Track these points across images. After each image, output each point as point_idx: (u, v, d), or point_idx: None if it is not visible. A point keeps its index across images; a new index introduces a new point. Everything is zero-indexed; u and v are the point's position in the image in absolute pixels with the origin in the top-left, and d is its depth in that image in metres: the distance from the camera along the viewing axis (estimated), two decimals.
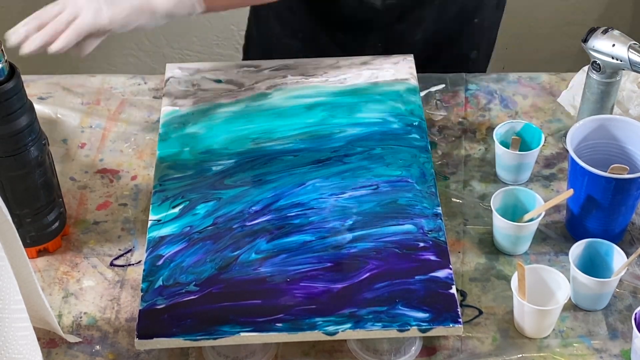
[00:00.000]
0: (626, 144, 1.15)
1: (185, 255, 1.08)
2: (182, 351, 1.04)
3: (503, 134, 1.23)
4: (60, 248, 1.16)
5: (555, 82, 1.40)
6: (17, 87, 1.03)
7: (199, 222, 1.11)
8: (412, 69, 1.32)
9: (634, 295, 1.11)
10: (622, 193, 1.09)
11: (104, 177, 1.25)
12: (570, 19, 2.33)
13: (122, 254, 1.15)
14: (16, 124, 1.04)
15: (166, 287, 1.04)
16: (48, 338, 1.06)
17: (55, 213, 1.14)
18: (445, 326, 1.00)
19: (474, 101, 1.36)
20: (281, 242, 1.09)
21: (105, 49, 2.38)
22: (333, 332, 1.00)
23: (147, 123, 1.33)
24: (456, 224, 1.19)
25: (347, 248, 1.08)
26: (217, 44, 2.38)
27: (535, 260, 1.14)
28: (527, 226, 1.12)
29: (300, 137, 1.22)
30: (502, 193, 1.14)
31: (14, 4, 2.27)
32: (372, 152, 1.20)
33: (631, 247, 1.15)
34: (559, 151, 1.29)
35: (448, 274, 1.05)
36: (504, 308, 1.09)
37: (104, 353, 1.05)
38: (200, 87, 1.30)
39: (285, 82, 1.30)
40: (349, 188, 1.15)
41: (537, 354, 1.04)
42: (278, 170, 1.18)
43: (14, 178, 1.08)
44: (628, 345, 1.05)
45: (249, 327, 1.00)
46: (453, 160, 1.27)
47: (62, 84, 1.39)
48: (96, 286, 1.12)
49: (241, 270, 1.06)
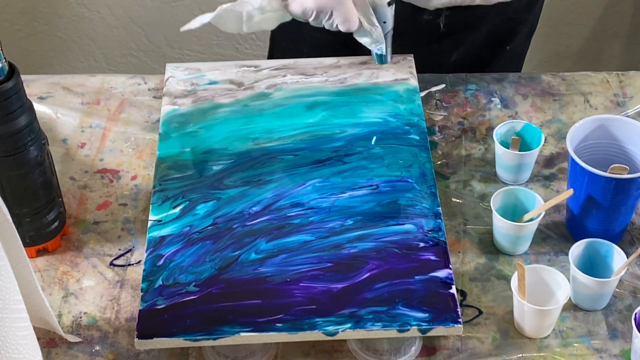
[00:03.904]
0: (626, 144, 1.15)
1: (185, 255, 1.08)
2: (182, 351, 1.04)
3: (503, 134, 1.23)
4: (60, 248, 1.16)
5: (555, 82, 1.40)
6: (16, 86, 1.03)
7: (199, 222, 1.11)
8: (412, 68, 1.32)
9: (634, 295, 1.11)
10: (622, 193, 1.09)
11: (104, 177, 1.25)
12: (570, 19, 2.33)
13: (122, 254, 1.16)
14: (15, 124, 1.04)
15: (166, 287, 1.04)
16: (48, 338, 1.06)
17: (55, 213, 1.14)
18: (445, 326, 1.00)
19: (474, 101, 1.36)
20: (281, 242, 1.09)
21: (105, 49, 2.39)
22: (333, 332, 1.00)
23: (147, 123, 1.33)
24: (456, 224, 1.19)
25: (347, 248, 1.08)
26: (217, 44, 2.38)
27: (535, 260, 1.14)
28: (527, 226, 1.12)
29: (301, 137, 1.22)
30: (502, 193, 1.14)
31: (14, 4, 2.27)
32: (372, 152, 1.20)
33: (631, 247, 1.15)
34: (559, 151, 1.29)
35: (448, 274, 1.05)
36: (504, 308, 1.09)
37: (104, 353, 1.05)
38: (200, 87, 1.30)
39: (286, 82, 1.30)
40: (349, 188, 1.15)
41: (537, 354, 1.04)
42: (278, 170, 1.18)
43: (14, 177, 1.08)
44: (628, 345, 1.05)
45: (249, 327, 1.00)
46: (453, 160, 1.27)
47: (62, 84, 1.39)
48: (96, 286, 1.12)
49: (241, 270, 1.06)
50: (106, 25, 2.34)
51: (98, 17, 2.32)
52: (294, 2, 1.17)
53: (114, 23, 2.34)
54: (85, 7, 2.30)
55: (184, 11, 2.29)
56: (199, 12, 2.28)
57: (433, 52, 1.40)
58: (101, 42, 2.38)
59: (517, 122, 1.23)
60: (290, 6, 1.18)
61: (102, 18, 2.33)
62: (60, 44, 2.38)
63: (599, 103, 1.36)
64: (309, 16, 1.17)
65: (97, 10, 2.31)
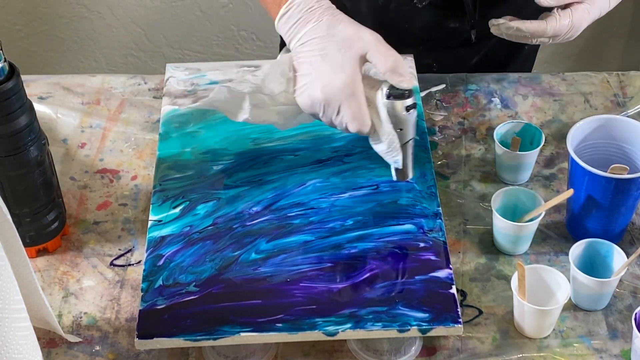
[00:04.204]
0: (626, 144, 1.15)
1: (185, 255, 1.08)
2: (182, 351, 1.04)
3: (503, 134, 1.23)
4: (60, 248, 1.16)
5: (555, 82, 1.40)
6: (16, 86, 1.03)
7: (199, 222, 1.11)
8: (412, 68, 1.32)
9: (634, 295, 1.11)
10: (622, 193, 1.09)
11: (104, 177, 1.25)
12: None
13: (122, 254, 1.16)
14: (16, 124, 1.04)
15: (166, 287, 1.04)
16: (48, 338, 1.06)
17: (55, 213, 1.14)
18: (445, 326, 1.00)
19: (474, 101, 1.36)
20: (281, 242, 1.09)
21: (105, 49, 2.39)
22: (333, 332, 1.00)
23: (147, 123, 1.33)
24: (456, 224, 1.19)
25: (347, 248, 1.08)
26: (217, 44, 2.38)
27: (535, 260, 1.14)
28: (527, 226, 1.12)
29: (301, 137, 1.22)
30: (502, 193, 1.14)
31: (14, 4, 2.27)
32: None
33: (631, 247, 1.15)
34: (559, 151, 1.29)
35: (448, 274, 1.05)
36: (504, 308, 1.09)
37: (104, 353, 1.05)
38: (200, 87, 1.30)
39: None
40: (349, 188, 1.15)
41: (537, 354, 1.04)
42: (278, 170, 1.18)
43: (14, 178, 1.08)
44: (628, 345, 1.05)
45: (249, 327, 1.00)
46: (453, 160, 1.27)
47: (62, 84, 1.39)
48: (96, 286, 1.12)
49: (241, 270, 1.06)
50: (106, 25, 2.34)
51: (98, 17, 2.32)
52: (303, 94, 1.05)
53: (114, 23, 2.34)
54: (85, 7, 2.30)
55: (184, 11, 2.29)
56: (199, 12, 2.29)
57: (458, 55, 1.40)
58: (101, 42, 2.38)
59: (517, 122, 1.24)
60: (299, 98, 1.06)
61: (102, 18, 2.33)
62: (60, 44, 2.38)
63: (599, 103, 1.36)
64: (317, 110, 1.05)
65: (97, 10, 2.31)
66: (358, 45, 1.02)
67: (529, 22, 1.18)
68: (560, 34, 1.18)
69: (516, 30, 1.18)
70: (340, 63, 1.02)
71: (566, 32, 1.18)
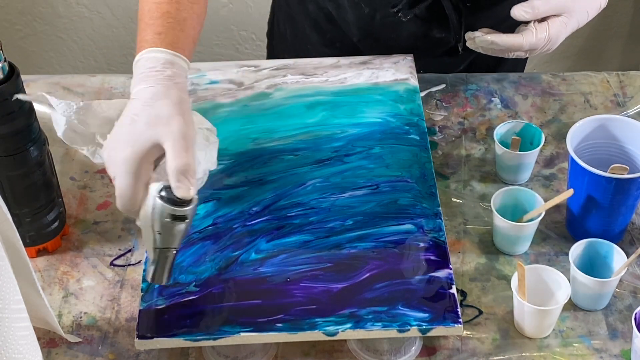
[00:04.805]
0: (626, 144, 1.15)
1: (185, 255, 1.08)
2: (182, 351, 1.04)
3: (503, 134, 1.23)
4: (60, 248, 1.16)
5: (555, 82, 1.40)
6: (16, 87, 1.03)
7: (199, 222, 1.11)
8: (412, 68, 1.32)
9: (634, 295, 1.11)
10: (622, 193, 1.09)
11: (104, 177, 1.25)
12: None
13: (122, 254, 1.16)
14: (16, 124, 1.04)
15: (166, 287, 1.04)
16: (48, 338, 1.06)
17: (55, 213, 1.14)
18: (445, 326, 1.00)
19: (474, 101, 1.36)
20: (281, 242, 1.09)
21: (105, 49, 2.39)
22: (333, 332, 1.00)
23: None
24: (456, 224, 1.19)
25: (347, 248, 1.08)
26: (217, 44, 2.38)
27: (535, 260, 1.14)
28: (527, 226, 1.12)
29: (301, 137, 1.22)
30: (502, 193, 1.14)
31: (14, 4, 2.27)
32: (371, 152, 1.20)
33: (631, 247, 1.15)
34: (559, 151, 1.29)
35: (448, 274, 1.05)
36: (504, 308, 1.09)
37: (104, 353, 1.05)
38: (201, 87, 1.30)
39: (286, 82, 1.30)
40: (349, 188, 1.15)
41: (537, 354, 1.04)
42: (278, 170, 1.18)
43: (14, 178, 1.08)
44: (628, 345, 1.05)
45: (249, 327, 1.00)
46: (453, 160, 1.27)
47: (62, 84, 1.39)
48: (96, 286, 1.12)
49: (241, 270, 1.06)
50: (106, 25, 2.34)
51: (98, 17, 2.32)
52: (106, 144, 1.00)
53: (114, 23, 2.34)
54: (85, 7, 2.30)
55: None
56: None
57: (445, 63, 1.40)
58: (101, 42, 2.38)
59: (517, 122, 1.24)
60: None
61: (102, 18, 2.33)
62: (60, 44, 2.38)
63: (599, 103, 1.36)
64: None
65: (97, 10, 2.31)
66: (161, 130, 0.95)
67: (505, 36, 1.18)
68: (537, 47, 1.18)
69: (491, 43, 1.18)
70: (136, 137, 0.96)
71: (543, 46, 1.18)
